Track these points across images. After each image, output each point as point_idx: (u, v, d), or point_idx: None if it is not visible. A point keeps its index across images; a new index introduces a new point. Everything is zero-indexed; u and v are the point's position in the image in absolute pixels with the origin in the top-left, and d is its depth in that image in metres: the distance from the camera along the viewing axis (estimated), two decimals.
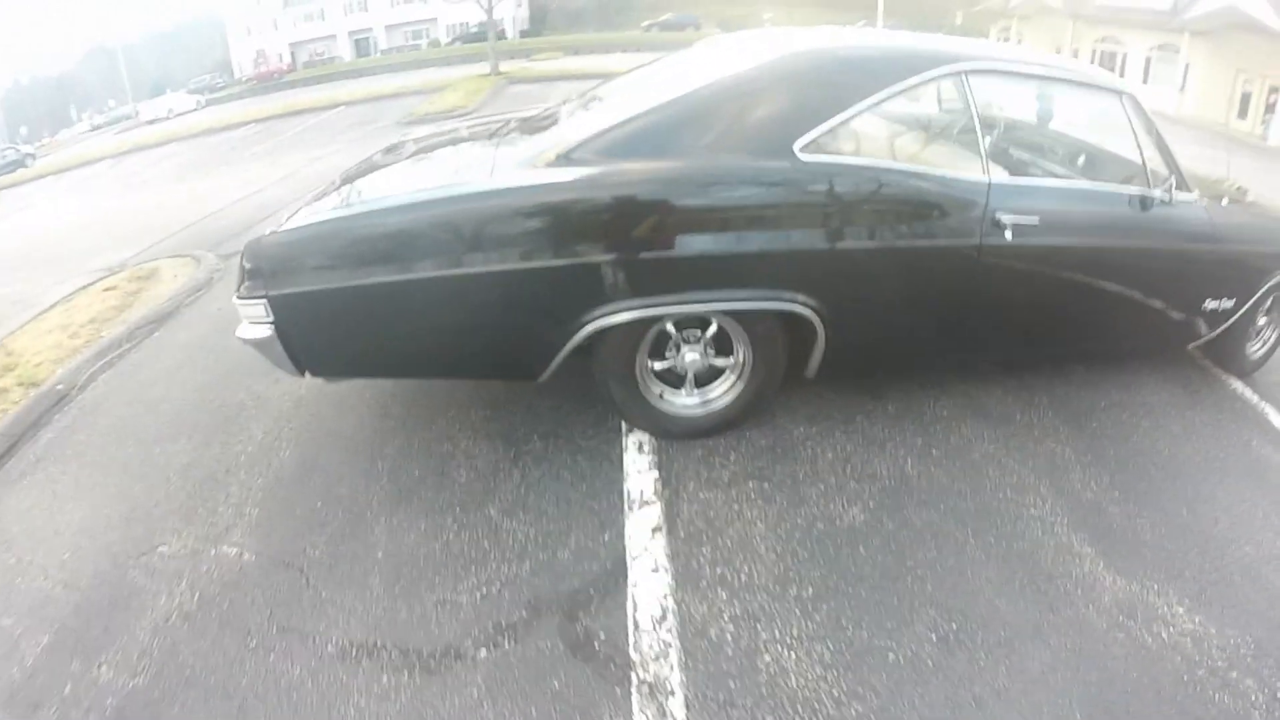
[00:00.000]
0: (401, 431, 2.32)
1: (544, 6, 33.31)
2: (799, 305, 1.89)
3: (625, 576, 1.75)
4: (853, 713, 1.44)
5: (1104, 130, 2.26)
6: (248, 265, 1.83)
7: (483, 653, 1.55)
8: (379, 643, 1.58)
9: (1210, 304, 2.42)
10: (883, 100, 1.87)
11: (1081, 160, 2.38)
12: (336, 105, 16.31)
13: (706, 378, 2.15)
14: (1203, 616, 1.74)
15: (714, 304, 1.90)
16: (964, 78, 1.94)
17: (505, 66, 16.22)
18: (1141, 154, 2.18)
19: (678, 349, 2.06)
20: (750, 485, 2.05)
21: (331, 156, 8.70)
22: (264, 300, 1.80)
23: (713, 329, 2.03)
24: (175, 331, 3.44)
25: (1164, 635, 1.68)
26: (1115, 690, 1.53)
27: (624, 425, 2.25)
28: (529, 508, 1.96)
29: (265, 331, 1.83)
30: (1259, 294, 2.53)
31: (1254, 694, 1.55)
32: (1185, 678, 1.57)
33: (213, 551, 1.87)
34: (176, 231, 5.94)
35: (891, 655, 1.57)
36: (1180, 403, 2.63)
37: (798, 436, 2.25)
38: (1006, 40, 22.27)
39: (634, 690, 1.48)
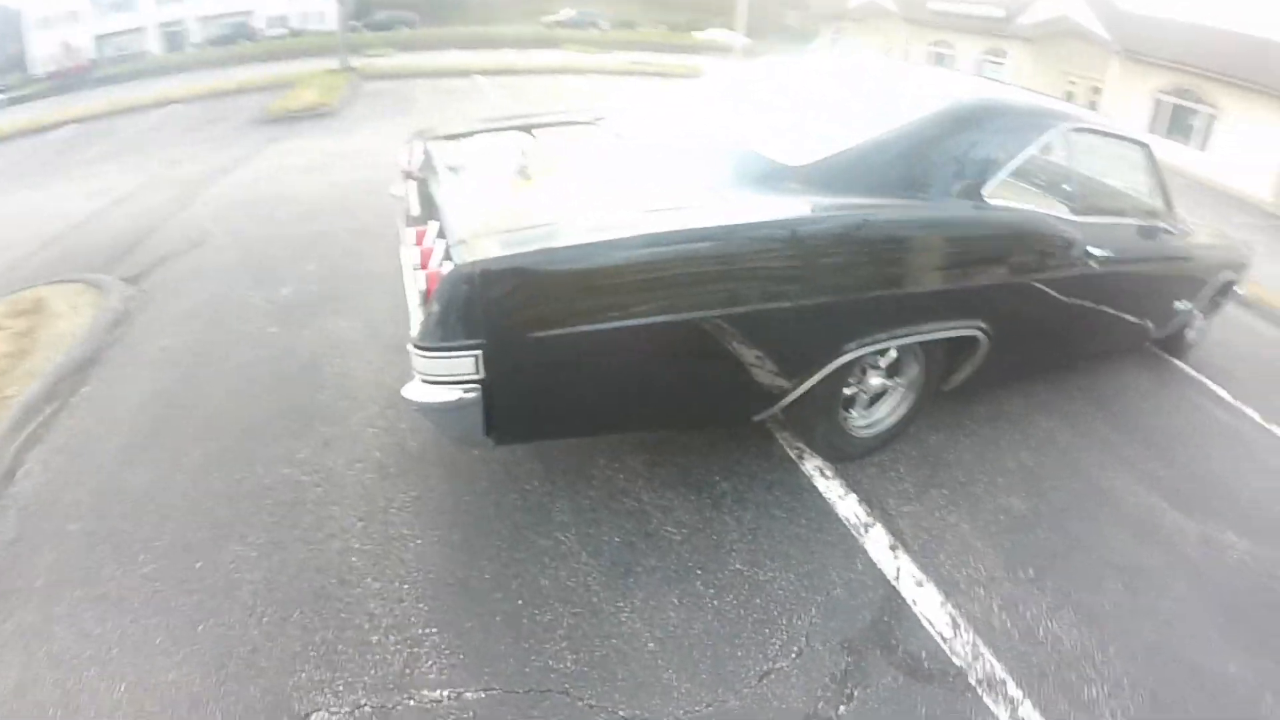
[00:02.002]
0: (558, 494, 2.23)
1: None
2: (977, 330, 2.35)
3: (899, 596, 2.03)
4: (1112, 652, 2.00)
5: (1123, 171, 3.13)
6: (457, 303, 1.55)
7: (842, 709, 1.70)
8: None
9: (1178, 304, 3.48)
10: (1033, 152, 2.42)
11: (1122, 199, 3.22)
12: (169, 103, 13.95)
13: (871, 400, 2.50)
14: (1249, 542, 2.60)
15: (930, 334, 2.28)
16: (1068, 134, 2.60)
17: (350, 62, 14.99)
18: (1163, 194, 3.10)
19: (863, 373, 2.37)
20: (934, 494, 2.48)
21: (193, 160, 7.23)
22: (478, 352, 1.58)
23: (893, 354, 2.38)
24: (111, 384, 2.72)
25: (1231, 554, 2.51)
26: (1215, 594, 2.33)
27: (795, 455, 2.49)
28: (769, 553, 2.11)
29: (465, 394, 1.61)
30: (1207, 296, 3.75)
31: None
32: (1245, 579, 2.44)
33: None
34: (36, 251, 4.67)
35: (1105, 603, 2.18)
36: (1160, 382, 3.83)
37: (934, 445, 2.74)
38: (838, 41, 25.26)
39: (980, 691, 1.79)
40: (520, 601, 1.82)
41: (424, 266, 1.69)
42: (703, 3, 27.65)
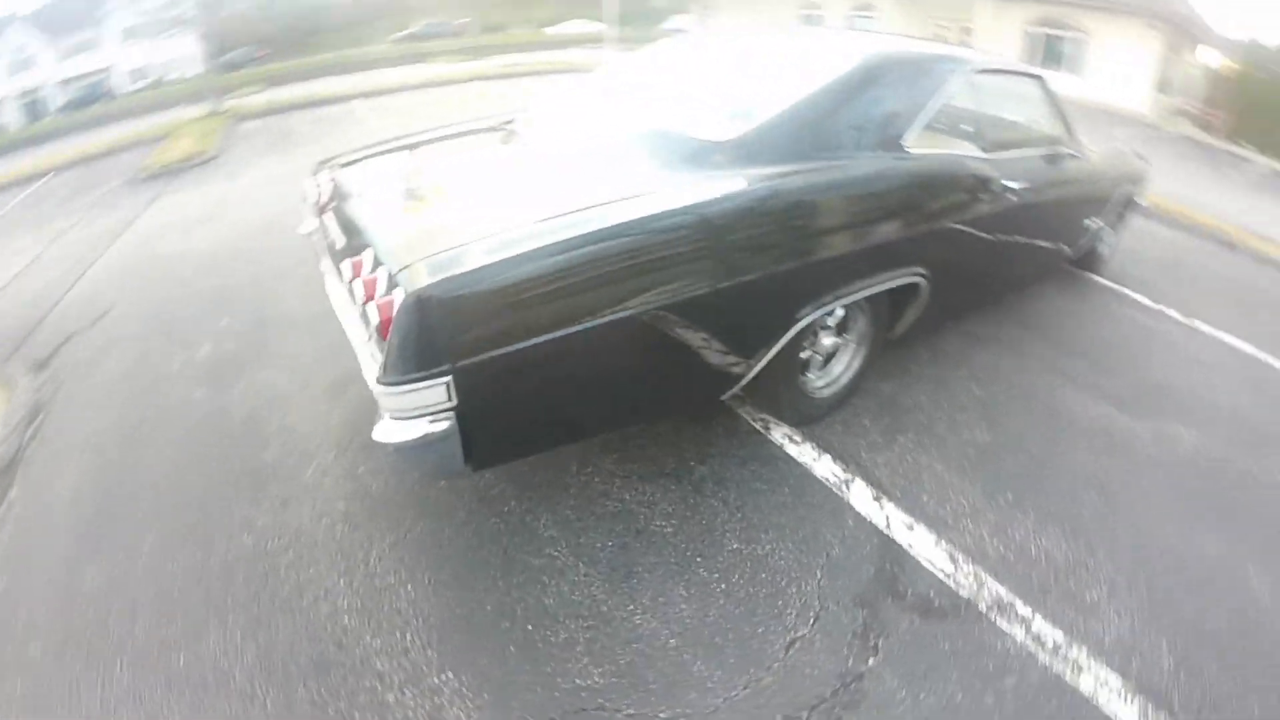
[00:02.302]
0: (538, 510, 2.18)
1: (227, 37, 29.16)
2: (917, 276, 2.44)
3: (895, 544, 2.10)
4: (1101, 556, 2.15)
5: (1024, 105, 3.29)
6: (417, 331, 1.49)
7: (871, 661, 1.75)
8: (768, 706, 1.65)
9: (1088, 223, 3.70)
10: (944, 98, 2.52)
11: (1027, 131, 3.36)
12: (43, 174, 12.90)
13: (825, 360, 2.57)
14: (1196, 431, 2.81)
15: (875, 287, 2.34)
16: (972, 76, 2.71)
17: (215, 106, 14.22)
18: (1063, 121, 3.26)
19: (815, 335, 2.43)
20: (901, 439, 2.56)
21: (79, 229, 6.63)
22: (448, 379, 1.52)
23: (841, 312, 2.44)
24: (39, 485, 2.47)
25: (1182, 446, 2.70)
26: (1178, 485, 2.54)
27: (761, 427, 2.53)
28: (760, 526, 2.14)
29: (440, 426, 1.56)
30: (1114, 212, 4.05)
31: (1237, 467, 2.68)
32: (1200, 465, 2.63)
33: None
34: None
35: (1083, 513, 2.32)
36: (1082, 298, 4.08)
37: (889, 393, 2.84)
38: (706, 18, 25.32)
39: (992, 616, 1.87)
40: (530, 626, 1.78)
41: (370, 298, 1.61)
42: None
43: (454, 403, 1.55)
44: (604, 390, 1.91)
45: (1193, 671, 1.82)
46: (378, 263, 1.67)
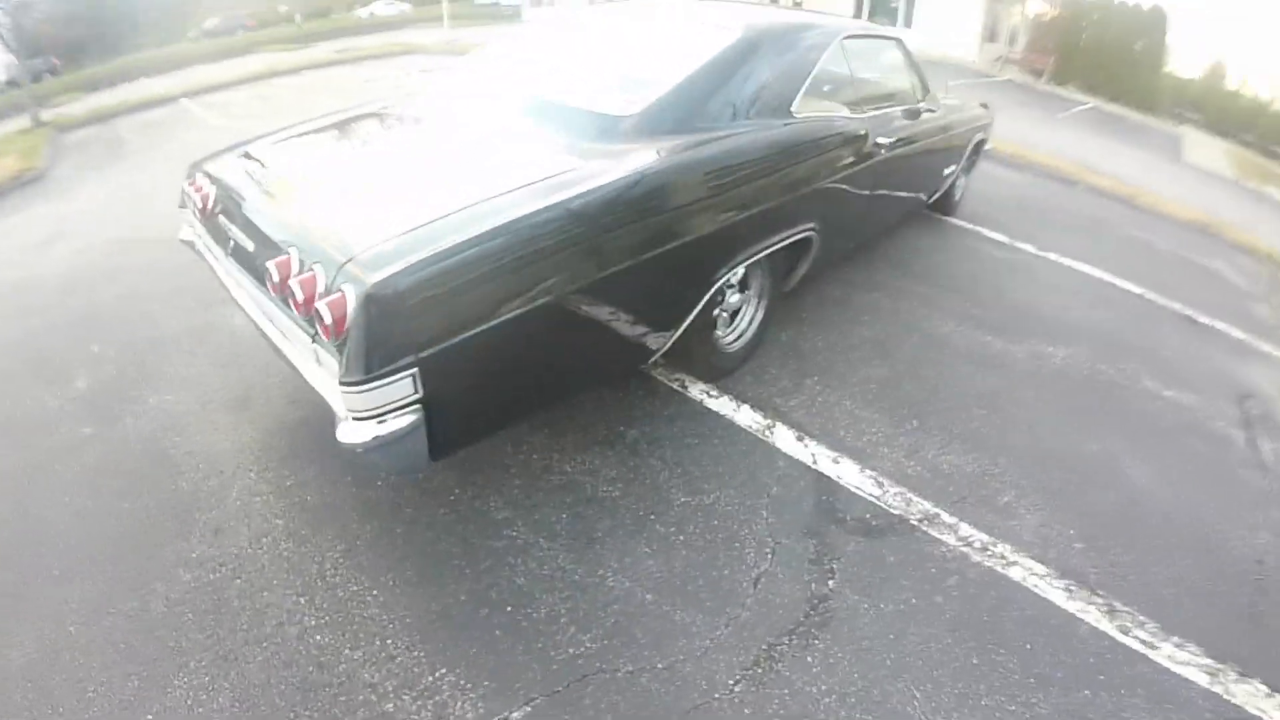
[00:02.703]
0: (486, 494, 2.20)
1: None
2: (810, 230, 2.64)
3: (825, 477, 2.31)
4: (1003, 463, 2.49)
5: (887, 65, 3.56)
6: (380, 325, 1.47)
7: (831, 583, 1.94)
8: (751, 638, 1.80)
9: (946, 170, 4.07)
10: (822, 64, 2.70)
11: (892, 90, 3.61)
12: None
13: (730, 316, 2.75)
14: (1063, 347, 3.23)
15: (777, 244, 2.52)
16: (844, 42, 2.91)
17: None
18: (920, 78, 3.56)
19: (723, 295, 2.59)
20: (808, 382, 2.82)
21: None
22: (414, 370, 1.51)
23: (741, 271, 2.59)
24: None
25: (1054, 362, 3.10)
26: (1055, 395, 2.94)
27: (679, 385, 2.69)
28: (701, 478, 2.28)
29: (408, 419, 1.54)
30: (965, 158, 4.42)
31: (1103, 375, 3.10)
32: (1072, 376, 3.06)
33: None
34: None
35: (980, 428, 2.67)
36: (944, 238, 4.55)
37: (788, 342, 3.09)
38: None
39: (924, 528, 2.13)
40: (509, 608, 1.82)
41: (311, 298, 1.56)
42: None
43: (419, 394, 1.54)
44: (548, 367, 1.96)
45: (1100, 550, 2.17)
46: (304, 260, 1.63)
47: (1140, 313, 4.12)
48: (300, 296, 1.57)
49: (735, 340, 2.76)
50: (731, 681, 1.63)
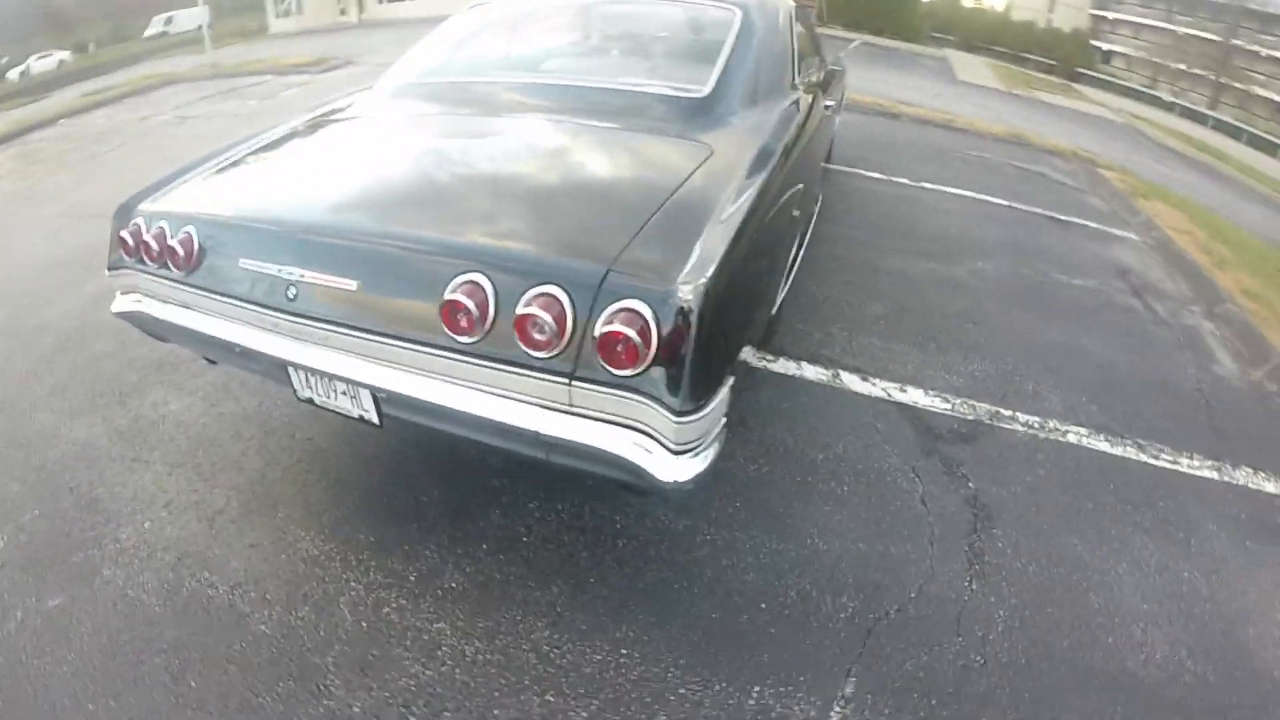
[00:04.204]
0: (694, 521, 2.17)
1: None
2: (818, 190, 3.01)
3: (908, 405, 2.73)
4: (1010, 366, 3.06)
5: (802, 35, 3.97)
6: (709, 343, 1.34)
7: (972, 484, 2.31)
8: (949, 542, 2.13)
9: (837, 120, 4.63)
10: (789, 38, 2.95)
11: (806, 52, 3.54)
12: None
13: None
14: (983, 263, 3.93)
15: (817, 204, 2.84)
16: (791, 13, 3.19)
17: None
18: (818, 49, 4.02)
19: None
20: (834, 330, 3.23)
21: None
22: (731, 381, 1.46)
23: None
24: None
25: (988, 274, 3.80)
26: (1009, 296, 3.58)
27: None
28: (819, 431, 2.51)
29: (720, 439, 1.46)
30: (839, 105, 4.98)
31: (1027, 278, 3.83)
32: (1010, 281, 3.72)
33: None
34: None
35: (979, 338, 3.24)
36: (839, 185, 5.07)
37: (790, 297, 3.47)
38: None
39: (998, 424, 2.62)
40: (762, 605, 1.82)
41: (562, 328, 1.33)
42: None
43: (728, 407, 1.45)
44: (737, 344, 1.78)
45: (1107, 407, 2.80)
46: (562, 286, 1.35)
47: (1018, 221, 5.03)
48: (553, 327, 1.33)
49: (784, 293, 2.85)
50: (967, 584, 1.94)
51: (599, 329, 1.31)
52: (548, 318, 1.33)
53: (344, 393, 1.68)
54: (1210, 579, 2.07)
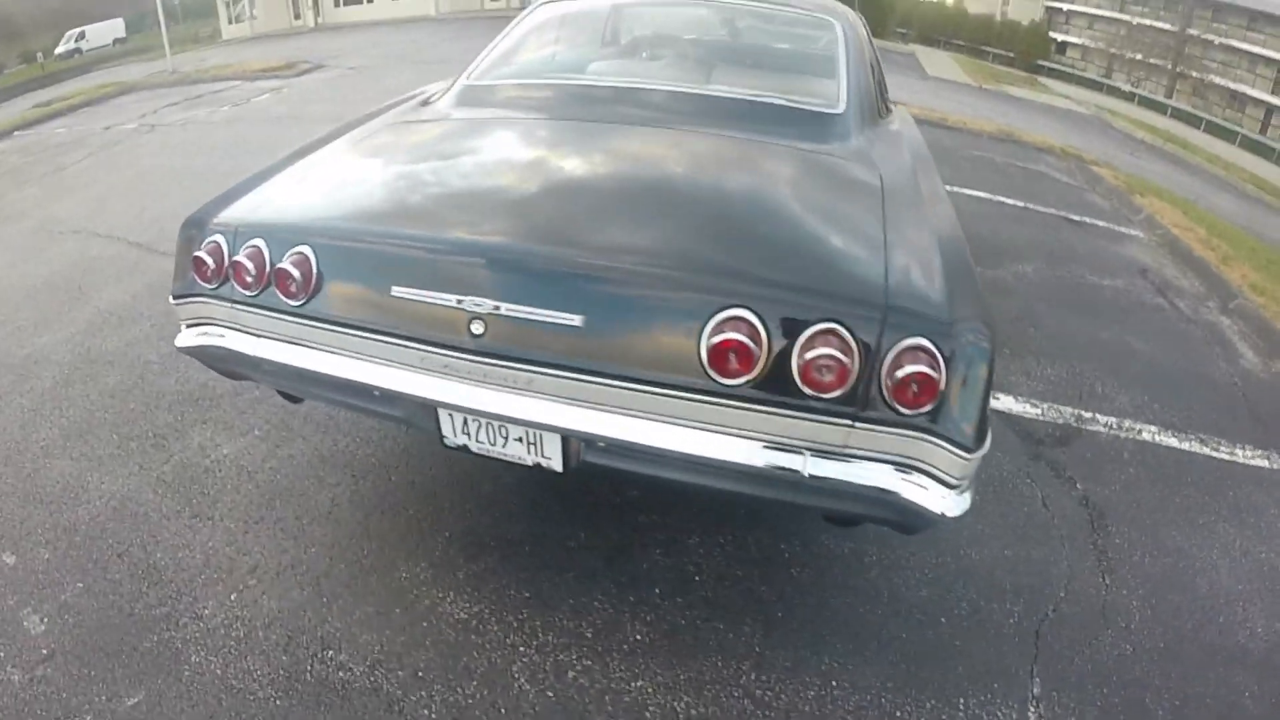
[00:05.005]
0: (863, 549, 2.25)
1: None
2: None
3: (1005, 413, 2.95)
4: (1079, 369, 3.34)
5: None
6: (990, 370, 1.31)
7: (1079, 486, 2.60)
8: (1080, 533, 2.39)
9: None
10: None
11: None
12: None
13: None
14: (1021, 266, 4.23)
15: None
16: None
17: None
18: None
19: None
20: None
21: None
22: None
23: None
24: None
25: (1030, 278, 4.11)
26: (1053, 296, 3.89)
27: None
28: None
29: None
30: None
31: (1064, 279, 4.15)
32: (1051, 283, 4.03)
33: None
34: None
35: (1038, 340, 3.50)
36: None
37: None
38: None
39: (1088, 426, 2.90)
40: (920, 618, 1.93)
41: (848, 371, 1.26)
42: None
43: None
44: None
45: (1166, 404, 3.10)
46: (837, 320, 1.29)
47: (1038, 222, 5.36)
48: (837, 367, 1.26)
49: None
50: (1101, 579, 2.17)
51: (890, 368, 1.26)
52: (837, 357, 1.25)
53: (519, 439, 1.52)
54: None
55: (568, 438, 1.49)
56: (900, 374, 1.25)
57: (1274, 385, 3.51)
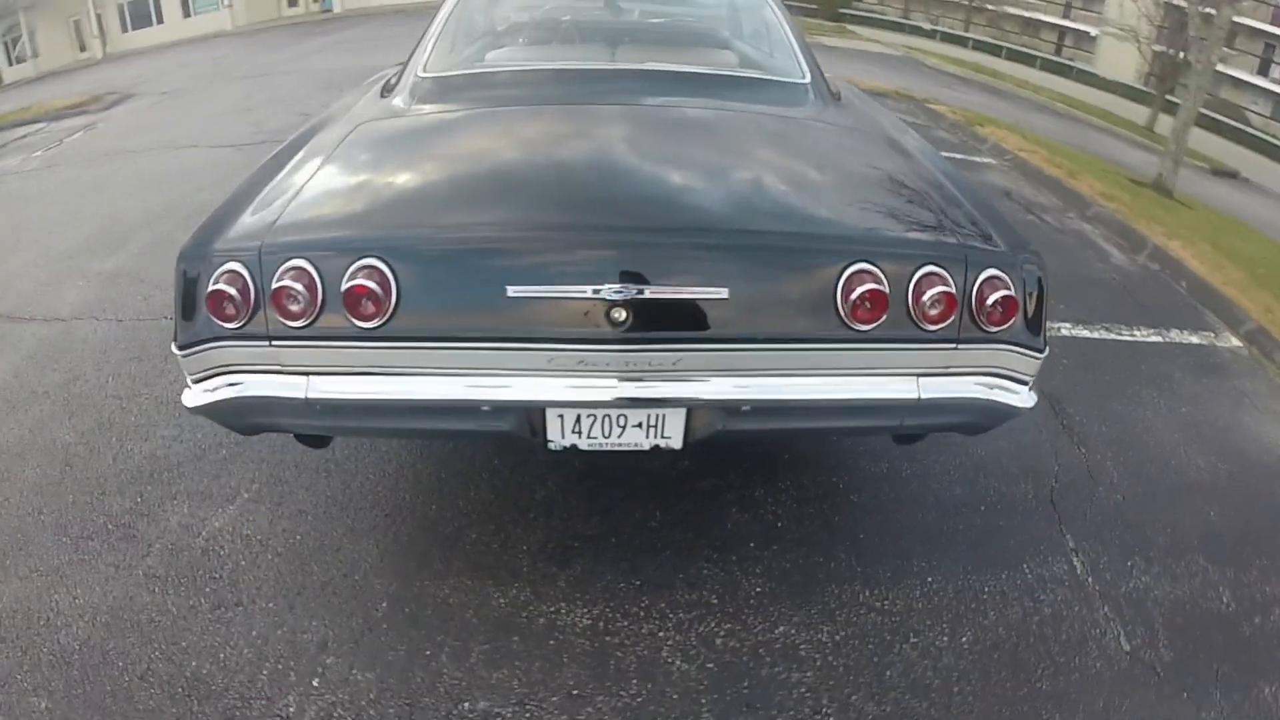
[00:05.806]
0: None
1: None
2: None
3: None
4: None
5: None
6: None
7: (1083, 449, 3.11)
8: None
9: None
10: None
11: None
12: None
13: None
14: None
15: None
16: None
17: None
18: None
19: None
20: None
21: None
22: None
23: None
24: None
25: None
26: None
27: None
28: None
29: None
30: None
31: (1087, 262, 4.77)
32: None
33: None
34: None
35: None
36: None
37: None
38: None
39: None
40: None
41: (951, 303, 1.48)
42: None
43: None
44: None
45: None
46: (891, 265, 1.47)
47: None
48: (943, 301, 1.47)
49: None
50: (1086, 450, 2.62)
51: (979, 296, 1.49)
52: (947, 292, 1.46)
53: (638, 424, 1.53)
54: (1195, 407, 2.99)
55: (692, 412, 1.53)
56: (989, 299, 1.49)
57: (1144, 276, 4.27)
